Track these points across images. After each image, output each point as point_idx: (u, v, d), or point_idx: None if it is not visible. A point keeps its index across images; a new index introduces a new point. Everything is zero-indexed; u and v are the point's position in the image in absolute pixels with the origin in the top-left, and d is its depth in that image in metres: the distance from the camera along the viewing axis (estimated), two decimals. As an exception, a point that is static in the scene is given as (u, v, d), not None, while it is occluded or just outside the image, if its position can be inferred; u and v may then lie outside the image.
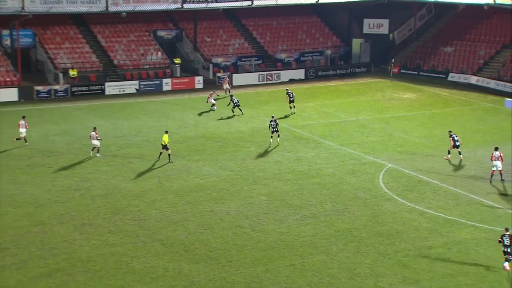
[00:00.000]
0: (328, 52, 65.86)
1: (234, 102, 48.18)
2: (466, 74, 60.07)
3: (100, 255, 26.25)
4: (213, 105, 49.51)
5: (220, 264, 25.74)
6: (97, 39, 60.27)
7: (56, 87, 53.72)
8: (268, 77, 60.77)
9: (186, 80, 58.34)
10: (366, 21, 66.72)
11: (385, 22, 66.54)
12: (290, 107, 48.51)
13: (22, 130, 39.77)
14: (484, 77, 58.58)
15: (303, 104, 51.27)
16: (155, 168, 36.34)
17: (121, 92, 55.19)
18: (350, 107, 51.30)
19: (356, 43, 66.37)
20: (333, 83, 59.99)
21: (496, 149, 35.03)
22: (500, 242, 25.55)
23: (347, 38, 67.62)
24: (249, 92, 57.01)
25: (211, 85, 58.38)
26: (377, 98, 54.65)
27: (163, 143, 36.84)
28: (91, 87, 54.90)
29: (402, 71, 63.50)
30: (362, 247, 27.16)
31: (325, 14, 69.58)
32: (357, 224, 29.26)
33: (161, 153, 37.25)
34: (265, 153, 39.32)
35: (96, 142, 38.26)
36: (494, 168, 34.54)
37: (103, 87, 55.13)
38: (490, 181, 34.56)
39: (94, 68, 57.61)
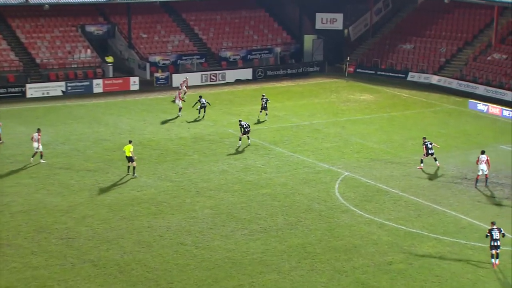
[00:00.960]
0: (278, 49, 66.18)
1: (202, 103, 47.80)
2: (427, 73, 61.24)
3: (21, 280, 25.55)
4: (180, 109, 48.90)
5: (160, 287, 25.39)
6: (16, 34, 58.96)
7: (-31, 89, 52.41)
8: (212, 77, 60.64)
9: (120, 81, 57.68)
10: (319, 16, 67.33)
11: (339, 16, 67.31)
12: (260, 113, 48.30)
13: (36, 145, 37.70)
14: (446, 76, 59.83)
15: (250, 107, 51.29)
16: (86, 180, 35.69)
17: (45, 95, 54.19)
18: (302, 110, 51.57)
19: (308, 39, 66.88)
20: (283, 84, 60.24)
21: (483, 152, 36.05)
22: (487, 236, 27.07)
23: (298, 35, 68.10)
24: (190, 94, 56.68)
25: (148, 86, 57.88)
26: (331, 100, 55.09)
27: (127, 155, 36.18)
28: (9, 89, 53.68)
29: (358, 70, 64.27)
30: (316, 264, 27.21)
31: (274, 8, 69.95)
32: (311, 239, 29.33)
33: (128, 167, 36.62)
34: (209, 161, 39.14)
35: (37, 145, 37.35)
36: (480, 173, 35.57)
37: (23, 89, 53.99)
38: (475, 186, 35.51)
39: (12, 68, 56.33)
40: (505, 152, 40.59)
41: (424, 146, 38.38)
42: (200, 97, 48.95)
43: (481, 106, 51.67)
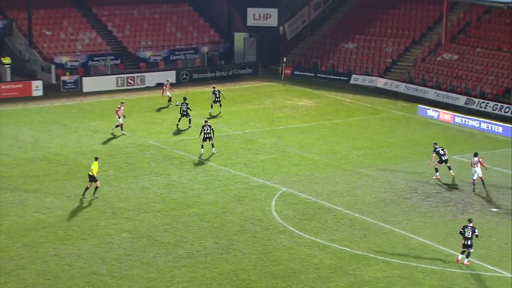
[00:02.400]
0: (205, 49, 66.27)
1: (182, 109, 47.98)
2: (372, 75, 62.33)
3: None
4: (170, 99, 49.84)
5: (71, 324, 24.98)
6: None
7: None
8: (129, 81, 60.21)
9: (20, 85, 56.71)
10: (250, 11, 67.76)
11: (274, 12, 67.89)
12: (212, 107, 50.11)
13: None
14: (393, 79, 61.02)
15: (174, 115, 51.12)
16: (-18, 201, 34.88)
17: None
18: (233, 117, 51.69)
19: (239, 38, 67.20)
20: (211, 88, 60.23)
21: (475, 155, 37.81)
22: (460, 233, 29.62)
23: (227, 32, 68.34)
24: (104, 100, 56.16)
25: (53, 91, 57.02)
26: (266, 106, 55.39)
27: (91, 173, 35.53)
28: None
29: (295, 72, 64.91)
30: (251, 293, 27.27)
31: (199, 2, 70.05)
32: (244, 264, 29.38)
33: (87, 187, 35.89)
34: (127, 178, 38.80)
35: None
36: (475, 177, 37.33)
37: None
38: (473, 190, 37.30)
39: None
40: (457, 163, 41.58)
41: (434, 153, 39.39)
42: (185, 98, 48.56)
43: (431, 112, 52.85)
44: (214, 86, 52.99)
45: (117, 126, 46.50)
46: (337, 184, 38.66)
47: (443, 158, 39.21)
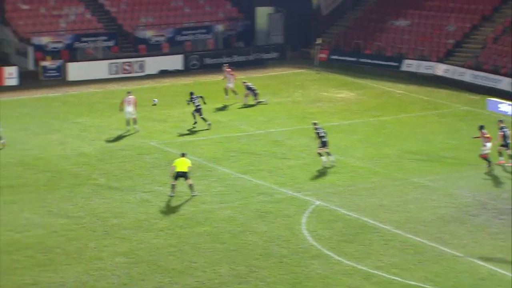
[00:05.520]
0: (220, 28, 66.36)
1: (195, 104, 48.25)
2: (429, 61, 62.15)
3: None
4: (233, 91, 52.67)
5: None
6: None
7: None
8: (126, 67, 60.54)
9: (-11, 72, 57.19)
10: (277, -20, 67.94)
11: (306, -19, 68.00)
12: (256, 102, 51.86)
13: None
14: (456, 65, 60.83)
15: (181, 109, 51.25)
16: None
17: None
18: (255, 113, 51.77)
19: (262, 14, 67.38)
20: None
21: (482, 127, 40.90)
22: None
23: (248, 7, 68.39)
24: (94, 91, 56.50)
25: (31, 80, 57.38)
26: (296, 99, 55.41)
27: (182, 170, 37.37)
28: None
29: (333, 57, 64.90)
30: (277, 333, 27.34)
31: (214, -31, 70.30)
32: (269, 297, 29.44)
33: (173, 184, 37.44)
34: (123, 188, 38.95)
35: None
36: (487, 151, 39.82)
37: None
38: (490, 166, 40.93)
39: None
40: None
41: (501, 132, 40.83)
42: (192, 93, 48.83)
43: (505, 106, 52.61)
44: (245, 81, 53.20)
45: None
46: (385, 197, 38.59)
47: (507, 141, 40.60)
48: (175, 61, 61.43)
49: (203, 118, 48.15)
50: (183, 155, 38.34)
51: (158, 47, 64.16)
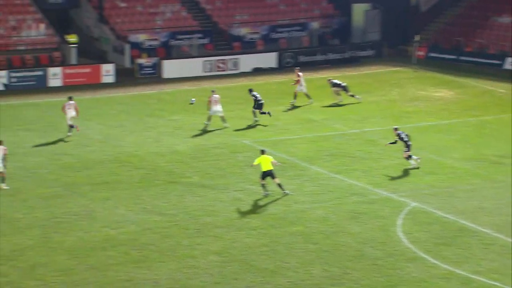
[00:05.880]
0: (315, 25, 66.21)
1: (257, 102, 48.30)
2: (535, 58, 61.18)
3: None
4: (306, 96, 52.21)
5: None
6: None
7: None
8: (220, 65, 60.77)
9: (87, 70, 58.04)
10: (374, -24, 67.60)
11: (404, -23, 67.48)
12: (350, 95, 52.04)
13: None
14: (561, 63, 59.72)
15: (274, 107, 51.25)
16: (37, 213, 35.74)
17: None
18: (350, 112, 51.51)
19: (359, 10, 67.09)
20: (322, 74, 60.10)
21: None
22: None
23: (344, 3, 68.11)
24: (188, 89, 56.82)
25: (127, 77, 57.98)
26: (392, 97, 54.96)
27: (266, 169, 37.42)
28: None
29: (431, 54, 64.27)
30: (370, 336, 27.11)
31: (310, -35, 70.18)
32: (362, 300, 29.19)
33: (263, 184, 37.69)
34: (215, 186, 39.06)
35: None
36: None
37: None
38: None
39: None
40: None
41: None
42: (251, 90, 48.94)
43: None
44: (330, 78, 53.00)
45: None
46: (484, 200, 37.95)
47: None
48: (269, 59, 61.50)
49: (263, 113, 48.26)
50: (262, 152, 38.15)
51: (253, 44, 64.32)
